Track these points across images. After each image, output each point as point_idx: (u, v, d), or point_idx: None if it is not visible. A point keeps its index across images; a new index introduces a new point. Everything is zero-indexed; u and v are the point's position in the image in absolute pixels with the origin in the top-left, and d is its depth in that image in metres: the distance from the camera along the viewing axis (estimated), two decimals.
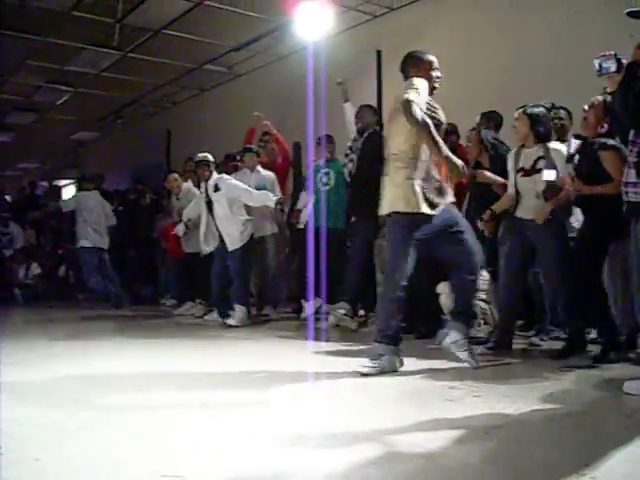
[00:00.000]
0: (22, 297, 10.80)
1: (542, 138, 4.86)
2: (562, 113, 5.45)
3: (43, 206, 13.75)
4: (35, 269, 11.21)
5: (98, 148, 17.24)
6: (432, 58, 4.38)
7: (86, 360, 4.80)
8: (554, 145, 4.90)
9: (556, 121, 5.31)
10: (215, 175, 7.15)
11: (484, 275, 4.76)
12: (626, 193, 3.36)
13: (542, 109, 4.94)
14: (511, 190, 5.00)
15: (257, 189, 7.06)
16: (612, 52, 3.57)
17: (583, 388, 3.74)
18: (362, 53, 9.07)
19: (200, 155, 7.26)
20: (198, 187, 7.82)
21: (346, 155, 6.71)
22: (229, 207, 6.98)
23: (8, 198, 14.62)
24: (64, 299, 10.62)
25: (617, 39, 5.62)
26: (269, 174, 7.56)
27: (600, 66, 3.49)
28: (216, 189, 7.01)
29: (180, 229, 7.81)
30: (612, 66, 3.48)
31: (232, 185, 6.97)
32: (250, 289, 7.66)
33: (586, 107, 4.53)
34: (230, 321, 6.86)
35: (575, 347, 4.59)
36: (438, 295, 5.49)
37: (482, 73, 7.42)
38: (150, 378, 4.15)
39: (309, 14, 7.83)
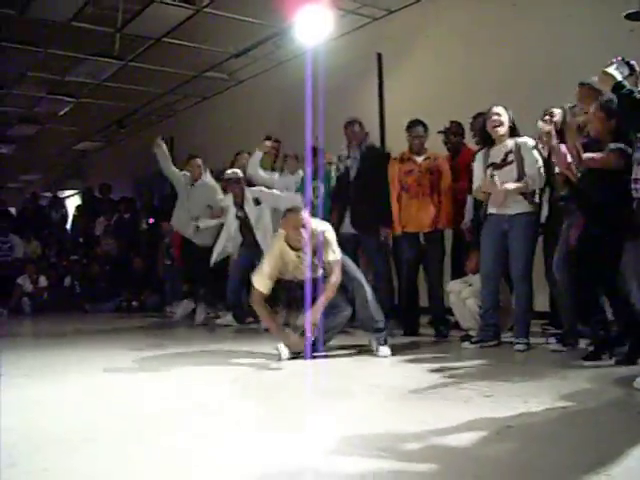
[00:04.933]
0: (30, 308, 10.80)
1: (514, 134, 5.25)
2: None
3: (47, 217, 13.83)
4: (43, 281, 11.22)
5: (101, 158, 17.24)
6: None
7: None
8: (522, 139, 5.19)
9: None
10: (247, 189, 7.16)
11: None
12: (636, 190, 3.35)
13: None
14: (477, 185, 5.38)
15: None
16: (619, 57, 3.57)
17: (594, 386, 3.72)
18: (362, 56, 9.06)
19: (229, 172, 7.22)
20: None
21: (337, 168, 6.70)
22: (271, 217, 7.03)
23: (12, 210, 14.68)
24: (71, 309, 10.66)
25: (616, 38, 5.65)
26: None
27: (621, 74, 3.48)
28: (257, 202, 7.03)
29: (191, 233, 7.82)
30: (625, 70, 3.48)
31: (273, 195, 7.00)
32: None
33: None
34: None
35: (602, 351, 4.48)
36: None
37: (481, 73, 7.40)
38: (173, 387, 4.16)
39: (308, 19, 7.83)
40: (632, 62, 3.49)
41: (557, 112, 5.06)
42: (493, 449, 2.57)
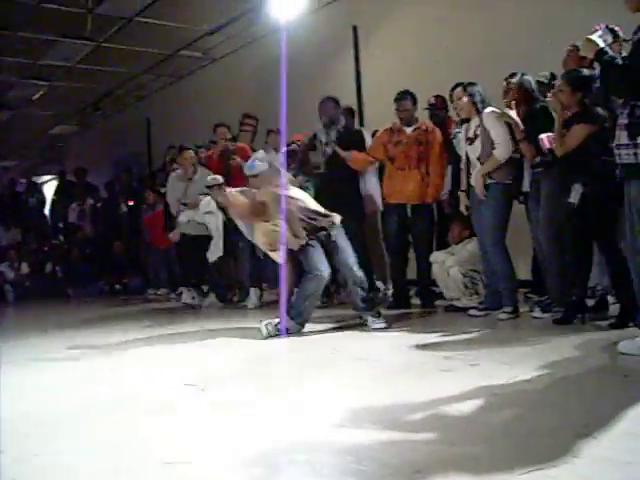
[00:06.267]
0: (13, 295, 10.74)
1: (479, 110, 5.28)
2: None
3: (25, 203, 13.69)
4: (25, 268, 11.15)
5: (78, 141, 17.07)
6: None
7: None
8: (485, 112, 5.25)
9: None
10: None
11: None
12: (619, 155, 3.36)
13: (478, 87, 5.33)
14: (463, 164, 5.46)
15: None
16: (603, 25, 3.56)
17: (579, 352, 3.75)
18: (338, 30, 8.99)
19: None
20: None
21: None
22: None
23: None
24: (54, 295, 10.59)
25: (595, 19, 5.62)
26: None
27: (604, 41, 3.47)
28: None
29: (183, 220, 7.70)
30: (609, 37, 3.48)
31: None
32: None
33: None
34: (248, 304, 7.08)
35: (574, 315, 4.59)
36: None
37: (459, 44, 7.36)
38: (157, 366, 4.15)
39: None
40: (616, 29, 3.49)
41: (513, 81, 5.18)
42: (482, 417, 2.59)
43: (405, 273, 6.32)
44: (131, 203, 10.57)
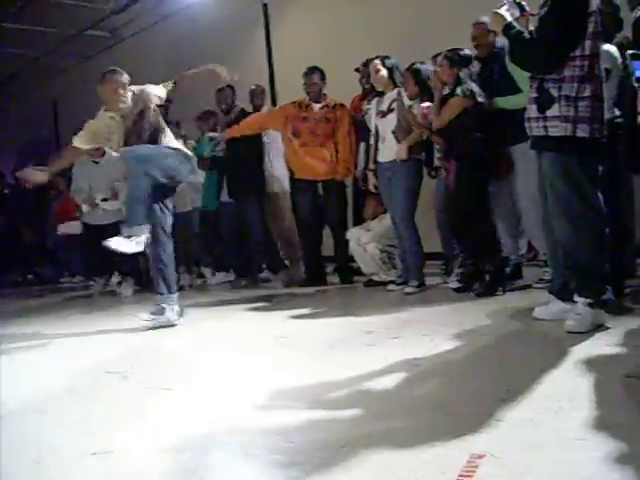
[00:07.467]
0: None
1: (397, 84, 5.34)
2: None
3: None
4: None
5: None
6: None
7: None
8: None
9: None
10: None
11: None
12: (529, 128, 3.44)
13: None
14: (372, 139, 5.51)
15: None
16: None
17: (495, 320, 3.85)
18: (248, 7, 8.90)
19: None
20: None
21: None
22: None
23: None
24: None
25: None
26: None
27: (512, 15, 3.52)
28: None
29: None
30: (516, 12, 3.53)
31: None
32: None
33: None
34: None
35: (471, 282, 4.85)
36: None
37: (371, 19, 7.37)
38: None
39: None
40: (523, 3, 3.54)
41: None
42: (405, 390, 2.62)
43: (319, 250, 6.32)
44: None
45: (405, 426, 2.19)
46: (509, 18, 3.48)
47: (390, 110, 5.30)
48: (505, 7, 3.54)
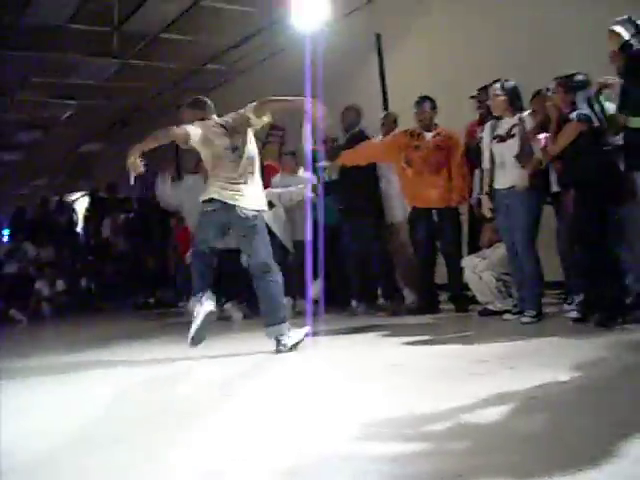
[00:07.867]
0: (49, 312, 10.88)
1: (518, 109, 5.23)
2: None
3: (56, 221, 13.83)
4: (60, 285, 11.29)
5: (107, 158, 17.22)
6: None
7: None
8: (526, 114, 5.22)
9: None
10: None
11: None
12: None
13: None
14: (487, 164, 5.37)
15: None
16: (625, 16, 3.54)
17: (610, 353, 3.74)
18: (361, 38, 9.02)
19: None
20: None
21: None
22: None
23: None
24: (89, 310, 10.74)
25: (601, 19, 5.59)
26: None
27: (627, 31, 3.46)
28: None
29: None
30: (631, 28, 3.47)
31: (279, 193, 7.08)
32: None
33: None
34: None
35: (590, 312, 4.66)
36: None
37: (484, 49, 7.33)
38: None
39: (304, 3, 7.80)
40: (638, 21, 3.46)
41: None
42: (520, 422, 2.57)
43: (433, 278, 6.31)
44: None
45: (521, 459, 2.14)
46: (626, 36, 3.41)
47: (510, 135, 5.20)
48: (619, 25, 3.47)
